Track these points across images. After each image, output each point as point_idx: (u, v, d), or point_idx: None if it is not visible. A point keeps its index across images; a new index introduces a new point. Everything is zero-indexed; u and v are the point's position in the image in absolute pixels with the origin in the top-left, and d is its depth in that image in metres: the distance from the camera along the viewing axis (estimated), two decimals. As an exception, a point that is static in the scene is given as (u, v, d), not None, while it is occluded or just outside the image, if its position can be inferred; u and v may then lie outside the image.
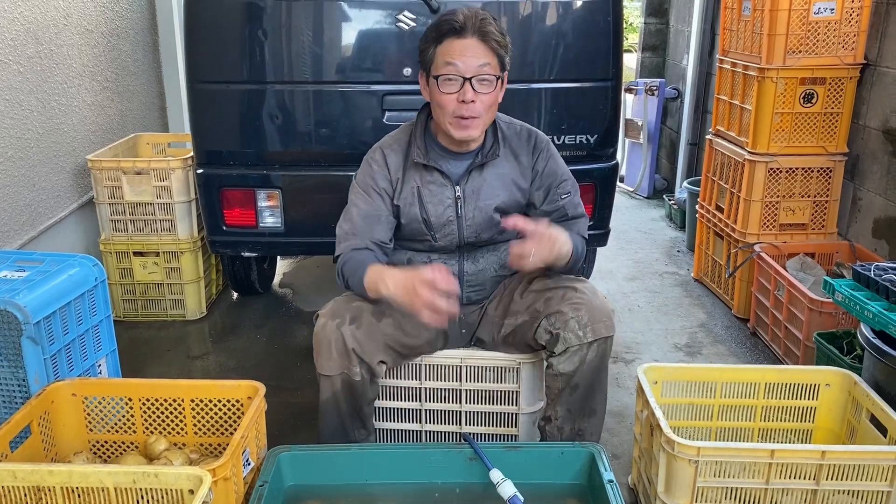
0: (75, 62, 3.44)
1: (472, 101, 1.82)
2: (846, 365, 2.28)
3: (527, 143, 2.01)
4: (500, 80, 1.87)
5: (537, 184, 2.01)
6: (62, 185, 3.34)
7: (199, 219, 3.19)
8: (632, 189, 5.49)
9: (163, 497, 1.49)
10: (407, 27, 2.70)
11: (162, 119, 4.47)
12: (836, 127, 3.15)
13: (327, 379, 1.92)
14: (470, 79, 1.81)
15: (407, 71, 2.72)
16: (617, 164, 2.99)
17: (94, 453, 2.00)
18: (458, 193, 1.96)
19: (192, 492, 1.46)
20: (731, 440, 2.12)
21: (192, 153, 3.00)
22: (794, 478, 1.74)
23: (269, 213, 2.90)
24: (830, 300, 2.24)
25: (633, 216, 4.96)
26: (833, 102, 3.12)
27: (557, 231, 1.82)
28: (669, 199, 4.86)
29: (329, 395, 1.93)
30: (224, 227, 2.94)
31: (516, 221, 1.80)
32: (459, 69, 1.80)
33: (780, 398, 2.08)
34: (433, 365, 2.08)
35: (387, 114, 2.77)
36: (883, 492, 1.73)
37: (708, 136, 3.71)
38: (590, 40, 2.78)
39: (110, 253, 3.24)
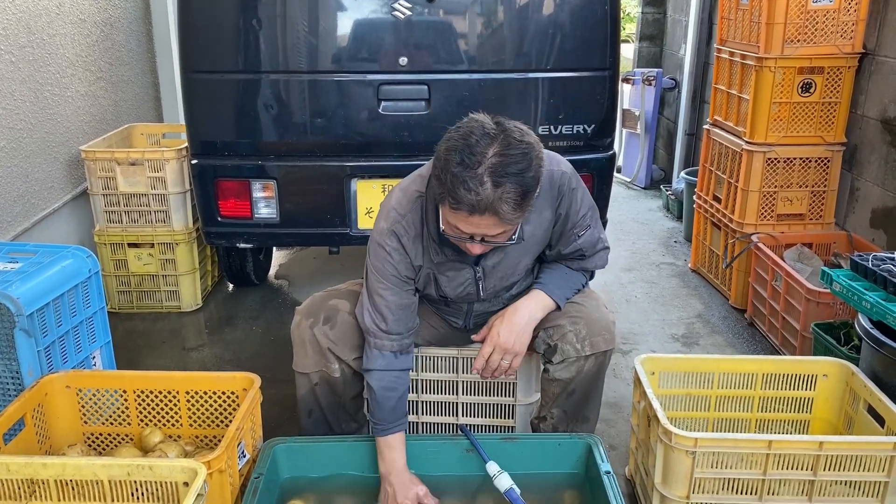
0: (68, 52, 3.41)
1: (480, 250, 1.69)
2: (844, 355, 2.27)
3: (548, 192, 1.78)
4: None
5: (558, 227, 1.85)
6: (56, 176, 3.32)
7: (194, 210, 3.17)
8: (629, 179, 5.48)
9: (157, 489, 1.49)
10: (403, 16, 2.67)
11: (156, 109, 4.44)
12: (834, 117, 3.14)
13: (303, 376, 1.92)
14: (479, 238, 1.63)
15: (403, 60, 2.70)
16: (614, 154, 2.98)
17: (89, 445, 1.99)
18: (478, 274, 1.85)
19: (186, 484, 1.46)
20: (729, 431, 2.12)
21: (186, 144, 2.98)
22: (792, 468, 1.74)
23: (265, 203, 2.89)
24: (828, 290, 2.24)
25: (630, 207, 4.95)
26: (831, 92, 3.11)
27: (509, 316, 1.83)
28: (667, 190, 4.84)
29: (306, 391, 1.93)
30: (219, 218, 2.92)
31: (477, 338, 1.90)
32: (468, 233, 1.61)
33: (777, 389, 2.08)
34: (429, 356, 2.07)
35: (382, 104, 2.75)
36: (880, 482, 1.73)
37: (705, 126, 3.69)
38: (587, 30, 2.76)
39: (105, 244, 3.22)
